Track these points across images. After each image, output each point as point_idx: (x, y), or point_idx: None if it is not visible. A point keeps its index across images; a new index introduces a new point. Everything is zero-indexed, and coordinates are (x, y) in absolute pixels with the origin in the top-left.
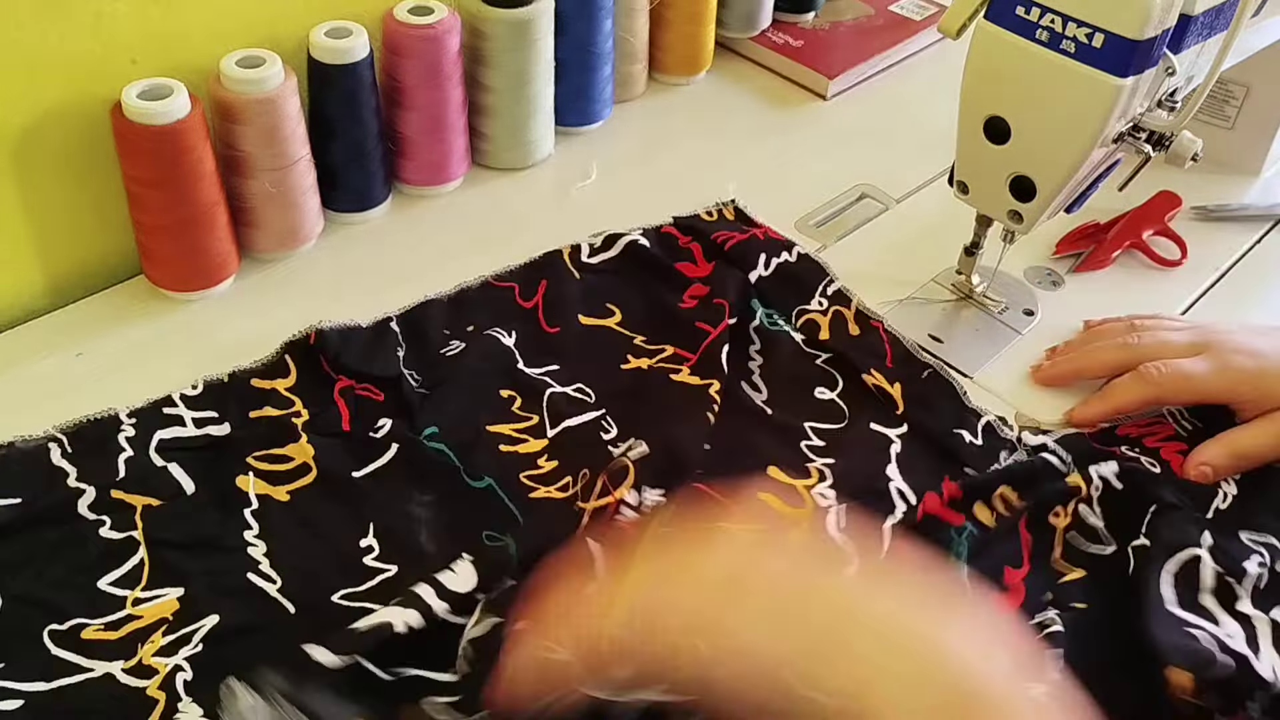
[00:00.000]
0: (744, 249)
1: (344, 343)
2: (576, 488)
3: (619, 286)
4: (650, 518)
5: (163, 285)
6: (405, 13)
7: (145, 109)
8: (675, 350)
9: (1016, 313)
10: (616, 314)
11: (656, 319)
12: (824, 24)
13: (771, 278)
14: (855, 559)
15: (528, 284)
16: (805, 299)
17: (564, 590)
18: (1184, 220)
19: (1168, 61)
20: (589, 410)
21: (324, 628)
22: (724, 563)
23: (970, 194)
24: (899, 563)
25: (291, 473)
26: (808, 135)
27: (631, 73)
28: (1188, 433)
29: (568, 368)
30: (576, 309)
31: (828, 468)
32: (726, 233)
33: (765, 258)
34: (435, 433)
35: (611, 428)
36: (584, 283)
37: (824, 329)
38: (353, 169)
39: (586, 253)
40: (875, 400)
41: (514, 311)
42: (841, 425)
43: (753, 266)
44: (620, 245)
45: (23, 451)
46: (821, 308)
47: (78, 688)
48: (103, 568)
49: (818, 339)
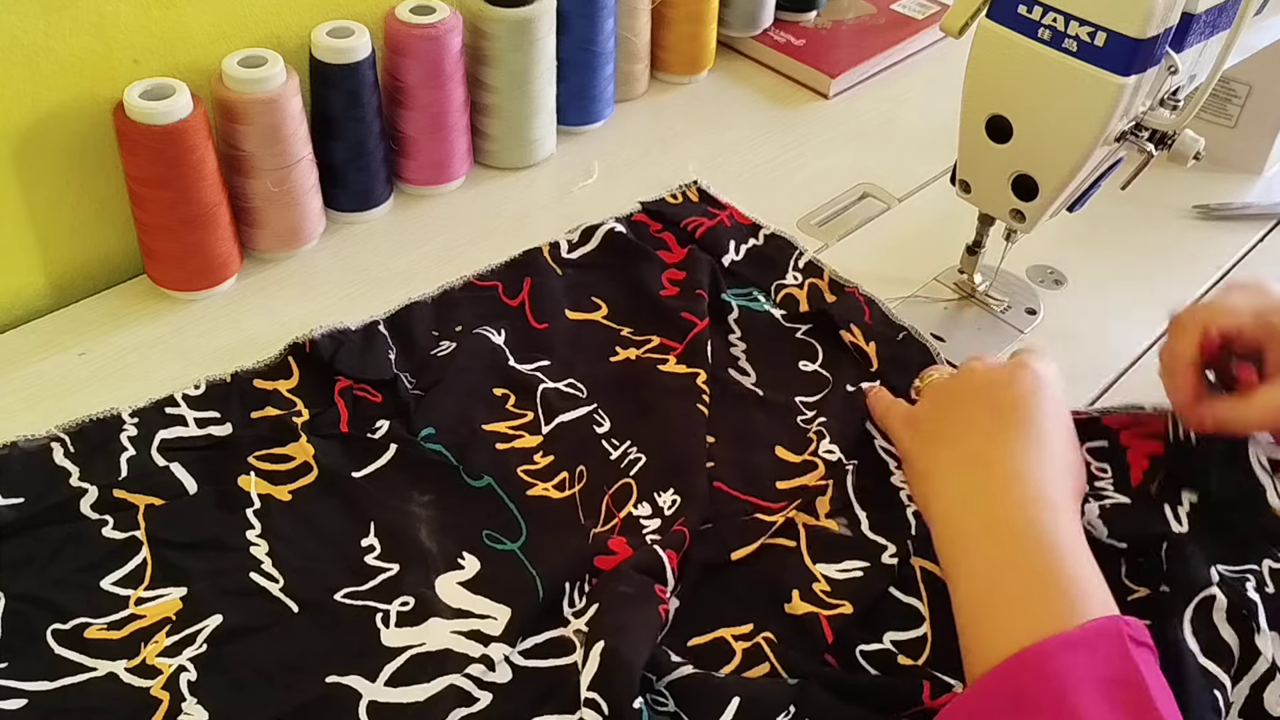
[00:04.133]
0: (714, 236)
1: (337, 347)
2: (575, 489)
3: (602, 280)
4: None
5: (165, 285)
6: (407, 12)
7: (147, 109)
8: (662, 340)
9: (1019, 312)
10: (603, 307)
11: (642, 309)
12: (826, 23)
13: (744, 261)
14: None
15: (511, 282)
16: (780, 274)
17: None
18: (1186, 219)
19: (1170, 60)
20: (581, 405)
21: (326, 627)
22: None
23: (972, 193)
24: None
25: (293, 472)
26: (810, 134)
27: (633, 72)
28: (1174, 441)
29: (558, 363)
30: (563, 304)
31: (824, 427)
32: (696, 219)
33: (735, 244)
34: (431, 434)
35: (605, 421)
36: (566, 278)
37: (802, 301)
38: (354, 168)
39: (565, 248)
40: (851, 358)
41: (500, 310)
42: (827, 390)
43: (724, 252)
44: (599, 236)
45: (25, 451)
46: (796, 281)
47: (81, 687)
48: (105, 567)
49: (798, 311)
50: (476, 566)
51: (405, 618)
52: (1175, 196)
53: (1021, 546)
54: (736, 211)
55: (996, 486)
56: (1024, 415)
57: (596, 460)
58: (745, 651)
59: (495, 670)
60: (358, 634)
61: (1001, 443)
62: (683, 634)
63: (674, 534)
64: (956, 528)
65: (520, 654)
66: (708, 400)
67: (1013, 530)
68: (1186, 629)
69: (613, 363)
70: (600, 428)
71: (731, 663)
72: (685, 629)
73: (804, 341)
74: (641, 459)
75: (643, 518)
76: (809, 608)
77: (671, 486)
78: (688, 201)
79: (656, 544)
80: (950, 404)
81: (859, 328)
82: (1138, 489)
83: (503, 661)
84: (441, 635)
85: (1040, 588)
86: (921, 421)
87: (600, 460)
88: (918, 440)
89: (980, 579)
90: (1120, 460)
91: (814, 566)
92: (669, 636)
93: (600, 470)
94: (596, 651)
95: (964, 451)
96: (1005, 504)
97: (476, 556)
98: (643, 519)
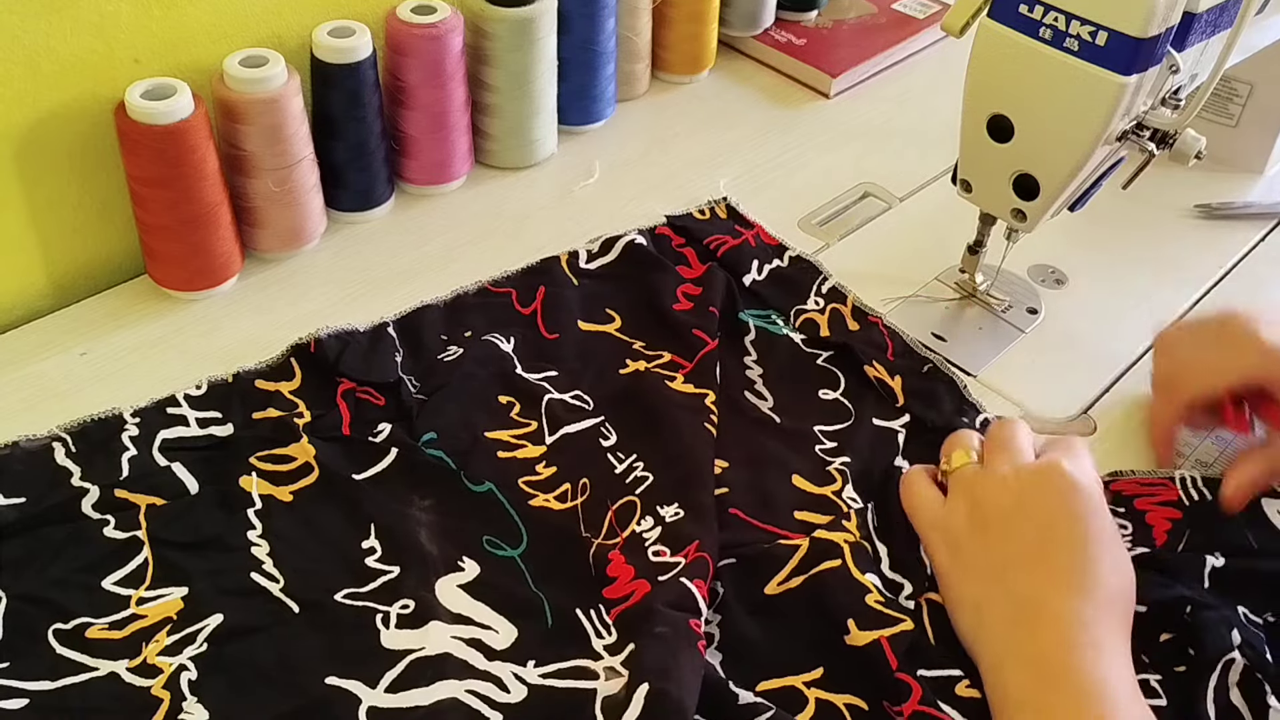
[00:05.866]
0: (737, 255)
1: (343, 348)
2: (577, 501)
3: (617, 292)
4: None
5: (166, 285)
6: (408, 12)
7: (149, 108)
8: (673, 357)
9: (1020, 311)
10: (616, 320)
11: (655, 323)
12: (827, 22)
13: (765, 282)
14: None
15: (525, 290)
16: (801, 299)
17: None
18: (1187, 219)
19: (1171, 59)
20: (588, 417)
21: (327, 627)
22: None
23: (973, 192)
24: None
25: (294, 473)
26: (810, 134)
27: (634, 71)
28: (1190, 503)
29: (566, 374)
30: (575, 315)
31: (846, 467)
32: (720, 237)
33: (757, 264)
34: (433, 439)
35: (611, 434)
36: (582, 289)
37: (823, 327)
38: (355, 168)
39: (584, 259)
40: (876, 394)
41: (512, 317)
42: (849, 424)
43: (746, 271)
44: (618, 248)
45: (27, 451)
46: (818, 306)
47: (82, 687)
48: (107, 567)
49: (818, 337)
50: (476, 570)
51: (405, 620)
52: (1176, 196)
53: (1076, 701)
54: (763, 231)
55: (1046, 639)
56: (1065, 541)
57: (601, 473)
58: (819, 702)
59: (510, 692)
60: (358, 635)
61: (1047, 584)
62: (747, 676)
63: (696, 561)
64: (1006, 679)
65: (539, 675)
66: (715, 421)
67: (1067, 686)
68: (1209, 701)
69: (622, 375)
70: (606, 440)
71: (806, 710)
72: (750, 671)
73: (825, 369)
74: (648, 477)
75: (644, 531)
76: (869, 635)
77: (676, 501)
78: (715, 218)
79: (679, 574)
80: (985, 527)
81: (882, 364)
82: (1163, 550)
83: (512, 679)
84: (442, 639)
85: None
86: (956, 541)
87: (605, 473)
88: (955, 566)
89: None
90: (1139, 519)
91: (863, 577)
92: (733, 677)
93: (604, 483)
94: (640, 695)
95: (1007, 594)
96: (1057, 658)
97: (476, 561)
98: (644, 532)
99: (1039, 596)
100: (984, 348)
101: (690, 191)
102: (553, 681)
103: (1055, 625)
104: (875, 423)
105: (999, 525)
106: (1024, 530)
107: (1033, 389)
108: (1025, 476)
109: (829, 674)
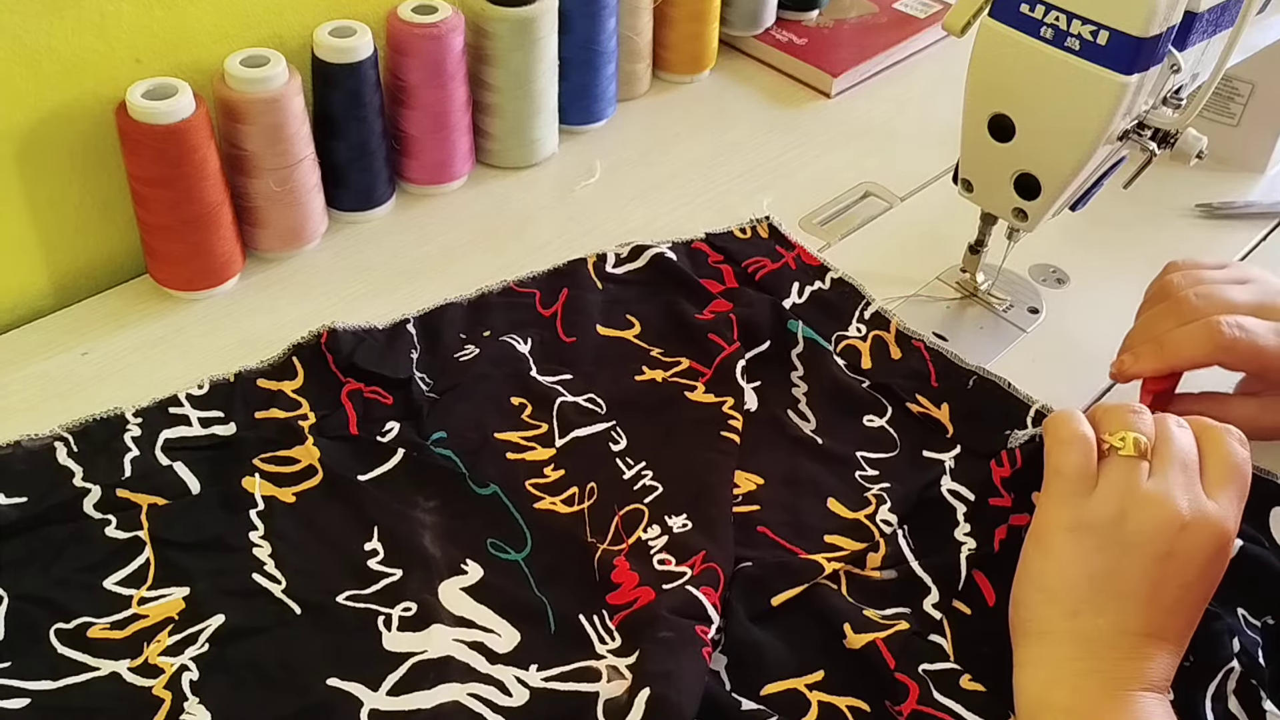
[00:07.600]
0: (776, 279)
1: (357, 344)
2: (583, 505)
3: (641, 298)
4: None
5: (167, 284)
6: (409, 12)
7: (150, 108)
8: (691, 364)
9: (1021, 310)
10: (635, 326)
11: (675, 331)
12: (828, 22)
13: (805, 305)
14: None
15: (549, 291)
16: (843, 325)
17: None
18: (1188, 218)
19: (1173, 59)
20: (599, 421)
21: (328, 629)
22: None
23: (975, 192)
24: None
25: (297, 474)
26: (812, 133)
27: (635, 71)
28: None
29: (581, 377)
30: (595, 319)
31: (885, 492)
32: (759, 260)
33: (798, 286)
34: (443, 438)
35: (621, 439)
36: (606, 293)
37: (865, 356)
38: (357, 168)
39: (612, 262)
40: (924, 425)
41: (532, 319)
42: (893, 454)
43: (786, 294)
44: (646, 257)
45: (29, 451)
46: (860, 334)
47: (83, 686)
48: (108, 567)
49: (860, 367)
50: (480, 573)
51: (407, 623)
52: (1178, 195)
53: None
54: (805, 252)
55: (1111, 677)
56: (1184, 600)
57: (608, 478)
58: (822, 704)
59: (512, 695)
60: (360, 637)
61: (1149, 638)
62: (749, 681)
63: (706, 572)
64: (1049, 702)
65: (541, 679)
66: (737, 427)
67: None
68: (1208, 706)
69: (637, 381)
70: (616, 445)
71: (809, 714)
72: (754, 675)
73: (871, 396)
74: (658, 488)
75: (651, 539)
76: (864, 638)
77: (685, 513)
78: (756, 237)
79: (686, 583)
80: (1124, 544)
81: (925, 396)
82: None
83: (514, 682)
84: (444, 642)
85: None
86: (1086, 526)
87: (613, 478)
88: (1065, 543)
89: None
90: None
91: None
92: (736, 683)
93: (611, 488)
94: (642, 699)
95: (1106, 628)
96: (1113, 701)
97: (480, 564)
98: (650, 540)
99: (1135, 656)
100: (985, 347)
101: (692, 191)
102: (555, 685)
103: (1131, 674)
104: (924, 454)
105: (1137, 554)
106: (1158, 572)
107: (1034, 388)
108: (1194, 523)
109: (830, 676)
